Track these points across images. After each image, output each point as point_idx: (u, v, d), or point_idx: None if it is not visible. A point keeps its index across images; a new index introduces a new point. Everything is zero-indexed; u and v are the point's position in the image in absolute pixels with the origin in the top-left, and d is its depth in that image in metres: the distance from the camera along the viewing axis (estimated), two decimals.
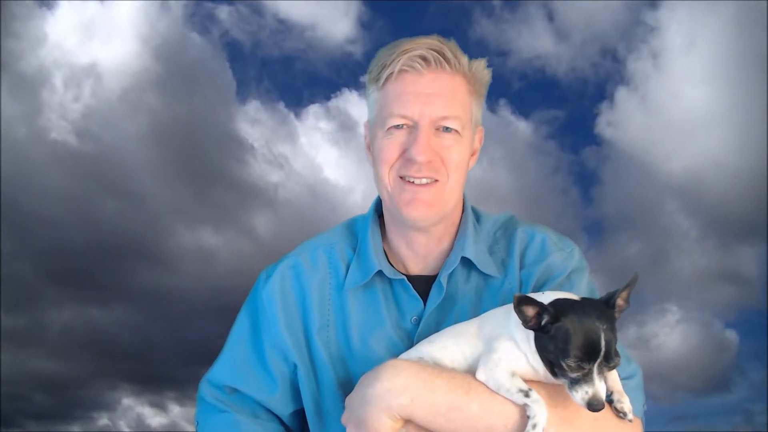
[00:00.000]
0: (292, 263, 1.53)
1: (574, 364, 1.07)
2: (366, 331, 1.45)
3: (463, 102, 1.41)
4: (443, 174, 1.39)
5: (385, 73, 1.40)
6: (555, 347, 1.09)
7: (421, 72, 1.37)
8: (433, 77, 1.38)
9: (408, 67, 1.37)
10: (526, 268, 1.46)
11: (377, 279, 1.48)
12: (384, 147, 1.41)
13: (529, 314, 1.11)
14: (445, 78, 1.39)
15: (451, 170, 1.40)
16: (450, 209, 1.45)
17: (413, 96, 1.37)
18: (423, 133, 1.37)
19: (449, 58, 1.38)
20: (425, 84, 1.37)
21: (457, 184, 1.42)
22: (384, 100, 1.42)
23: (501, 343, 1.20)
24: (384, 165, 1.42)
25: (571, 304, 1.12)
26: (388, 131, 1.41)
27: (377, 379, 1.21)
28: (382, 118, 1.41)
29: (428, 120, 1.37)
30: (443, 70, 1.39)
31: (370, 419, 1.20)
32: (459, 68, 1.40)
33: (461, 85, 1.41)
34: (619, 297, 1.13)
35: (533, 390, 1.14)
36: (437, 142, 1.38)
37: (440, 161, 1.38)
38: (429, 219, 1.42)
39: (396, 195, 1.41)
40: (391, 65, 1.38)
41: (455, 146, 1.40)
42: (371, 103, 1.48)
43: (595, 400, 1.07)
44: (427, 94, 1.37)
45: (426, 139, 1.36)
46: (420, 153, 1.36)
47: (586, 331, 1.07)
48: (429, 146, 1.37)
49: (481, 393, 1.17)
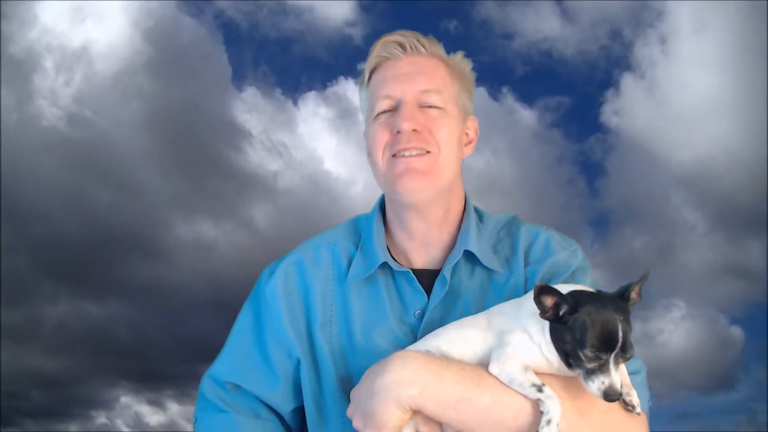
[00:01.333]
0: (296, 260, 1.53)
1: (591, 354, 1.08)
2: (369, 325, 1.45)
3: (444, 80, 1.48)
4: (434, 145, 1.42)
5: (367, 70, 1.50)
6: (572, 338, 1.10)
7: (398, 57, 1.47)
8: (411, 60, 1.47)
9: (386, 53, 1.47)
10: (530, 265, 1.48)
11: (380, 273, 1.48)
12: (374, 133, 1.47)
13: (547, 304, 1.12)
14: (421, 59, 1.48)
15: (441, 142, 1.43)
16: (446, 185, 1.46)
17: (393, 77, 1.46)
18: (407, 105, 1.43)
19: (424, 42, 1.48)
20: (404, 66, 1.46)
21: (450, 159, 1.45)
22: (370, 93, 1.50)
23: (514, 336, 1.20)
24: (377, 149, 1.46)
25: (589, 296, 1.14)
26: (376, 118, 1.47)
27: (386, 370, 1.21)
28: (371, 109, 1.48)
29: (410, 95, 1.44)
30: (419, 54, 1.48)
31: (378, 411, 1.19)
32: (435, 52, 1.49)
33: (439, 66, 1.49)
34: (633, 290, 1.15)
35: (546, 385, 1.15)
36: (423, 116, 1.44)
37: (428, 132, 1.42)
38: (424, 190, 1.42)
39: (390, 173, 1.44)
40: (370, 60, 1.49)
41: (441, 120, 1.45)
42: (363, 105, 1.55)
43: (611, 390, 1.08)
44: (406, 74, 1.46)
45: (410, 110, 1.43)
46: (404, 120, 1.41)
47: (604, 322, 1.09)
48: (414, 117, 1.42)
49: (492, 385, 1.17)
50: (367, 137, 1.52)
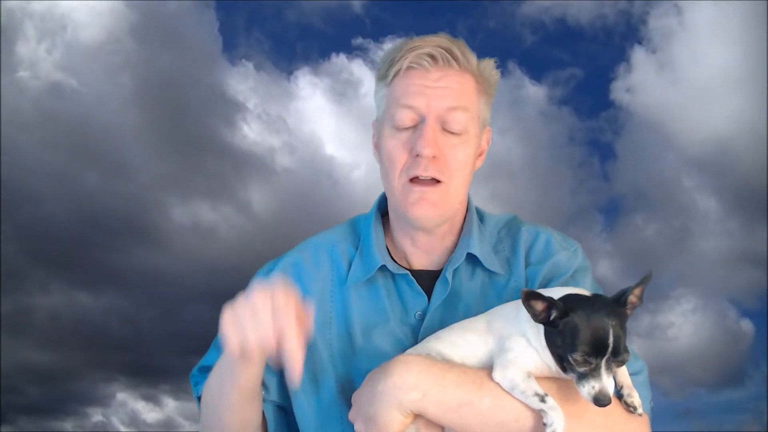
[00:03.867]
0: (294, 260, 1.54)
1: (581, 359, 1.09)
2: (369, 327, 1.46)
3: (471, 98, 1.44)
4: (447, 175, 1.41)
5: (392, 69, 1.43)
6: (563, 341, 1.11)
7: (428, 69, 1.41)
8: (441, 74, 1.41)
9: (416, 64, 1.41)
10: (531, 266, 1.48)
11: (380, 275, 1.49)
12: (392, 148, 1.44)
13: (538, 308, 1.13)
14: (452, 75, 1.42)
15: (455, 171, 1.42)
16: (454, 211, 1.48)
17: (420, 88, 1.41)
18: (429, 127, 1.39)
19: (457, 56, 1.42)
20: (433, 80, 1.41)
21: (461, 186, 1.45)
22: (391, 95, 1.45)
23: (514, 341, 1.21)
24: (393, 168, 1.44)
25: (581, 299, 1.14)
26: (394, 128, 1.43)
27: (387, 374, 1.22)
28: (390, 114, 1.44)
29: (435, 114, 1.40)
30: (451, 68, 1.42)
31: (380, 415, 1.21)
32: (467, 66, 1.44)
33: (469, 82, 1.45)
34: (631, 294, 1.15)
35: (549, 396, 1.15)
36: (443, 141, 1.41)
37: (444, 161, 1.41)
38: (433, 219, 1.44)
39: (404, 198, 1.43)
40: (399, 62, 1.42)
41: (460, 146, 1.42)
42: (379, 99, 1.51)
43: (601, 395, 1.08)
44: (434, 88, 1.40)
45: (432, 134, 1.39)
46: (425, 146, 1.38)
47: (594, 326, 1.09)
48: (435, 141, 1.39)
49: (493, 388, 1.19)
50: (381, 143, 1.48)
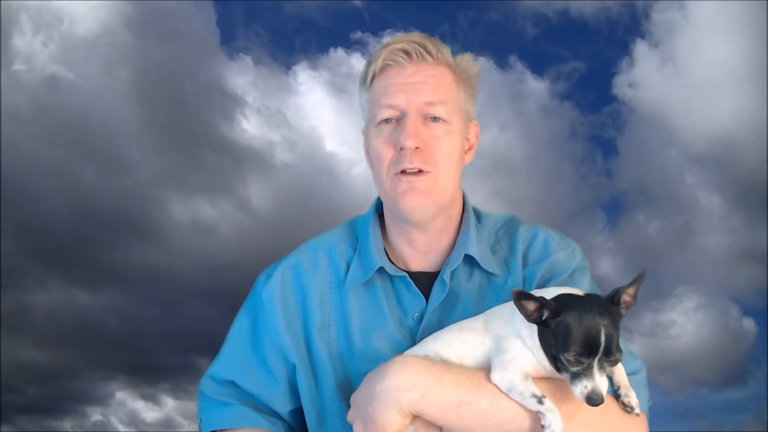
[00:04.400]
0: (293, 264, 1.56)
1: (573, 359, 1.09)
2: (368, 329, 1.47)
3: (449, 89, 1.46)
4: (433, 165, 1.42)
5: (370, 70, 1.47)
6: (555, 341, 1.12)
7: (403, 65, 1.44)
8: (416, 69, 1.44)
9: (390, 61, 1.45)
10: (529, 266, 1.48)
11: (378, 277, 1.50)
12: (378, 146, 1.46)
13: (530, 308, 1.14)
14: (427, 69, 1.45)
15: (441, 161, 1.43)
16: (447, 202, 1.48)
17: (398, 86, 1.44)
18: (410, 120, 1.42)
19: (430, 49, 1.45)
20: (408, 75, 1.44)
21: (450, 176, 1.46)
22: (372, 98, 1.49)
23: (510, 342, 1.22)
24: (381, 164, 1.46)
25: (573, 299, 1.14)
26: (378, 127, 1.46)
27: (386, 375, 1.23)
28: (373, 115, 1.47)
29: (414, 107, 1.42)
30: (425, 62, 1.45)
31: (378, 415, 1.22)
32: (441, 59, 1.46)
33: (445, 74, 1.47)
34: (625, 293, 1.15)
35: (546, 397, 1.16)
36: (426, 132, 1.43)
37: (429, 151, 1.42)
38: (426, 209, 1.44)
39: (393, 190, 1.44)
40: (374, 63, 1.46)
41: (444, 137, 1.44)
42: (363, 105, 1.54)
43: (593, 394, 1.08)
44: (411, 83, 1.43)
45: (414, 126, 1.41)
46: (408, 137, 1.40)
47: (585, 326, 1.09)
48: (417, 133, 1.41)
49: (492, 388, 1.20)
50: (369, 146, 1.51)
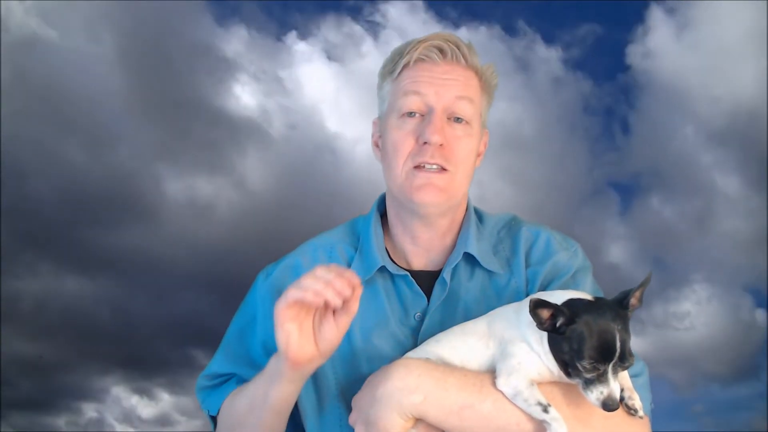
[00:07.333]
0: (293, 263, 1.54)
1: (589, 366, 1.09)
2: (369, 328, 1.46)
3: (476, 93, 1.47)
4: (453, 164, 1.42)
5: (401, 62, 1.45)
6: (570, 349, 1.11)
7: (436, 62, 1.44)
8: (449, 68, 1.44)
9: (424, 56, 1.44)
10: (531, 266, 1.48)
11: (379, 276, 1.49)
12: (398, 137, 1.44)
13: (543, 316, 1.13)
14: (459, 69, 1.45)
15: (460, 161, 1.44)
16: (456, 202, 1.49)
17: (429, 79, 1.43)
18: (437, 116, 1.41)
19: (465, 52, 1.45)
20: (440, 72, 1.44)
21: (465, 177, 1.47)
22: (398, 88, 1.47)
23: (516, 346, 1.21)
24: (398, 156, 1.44)
25: (586, 305, 1.14)
26: (400, 119, 1.44)
27: (388, 377, 1.22)
28: (397, 105, 1.45)
29: (442, 105, 1.42)
30: (458, 63, 1.45)
31: (381, 418, 1.21)
32: (472, 64, 1.47)
33: (473, 79, 1.48)
34: (632, 296, 1.15)
35: (552, 406, 1.15)
36: (449, 131, 1.43)
37: (450, 150, 1.42)
38: (438, 205, 1.44)
39: (408, 183, 1.43)
40: (407, 55, 1.45)
41: (465, 138, 1.44)
42: (383, 95, 1.52)
43: (610, 400, 1.09)
44: (442, 79, 1.43)
45: (440, 122, 1.41)
46: (434, 133, 1.39)
47: (601, 333, 1.09)
48: (443, 130, 1.41)
49: (494, 391, 1.19)
50: (386, 136, 1.49)
